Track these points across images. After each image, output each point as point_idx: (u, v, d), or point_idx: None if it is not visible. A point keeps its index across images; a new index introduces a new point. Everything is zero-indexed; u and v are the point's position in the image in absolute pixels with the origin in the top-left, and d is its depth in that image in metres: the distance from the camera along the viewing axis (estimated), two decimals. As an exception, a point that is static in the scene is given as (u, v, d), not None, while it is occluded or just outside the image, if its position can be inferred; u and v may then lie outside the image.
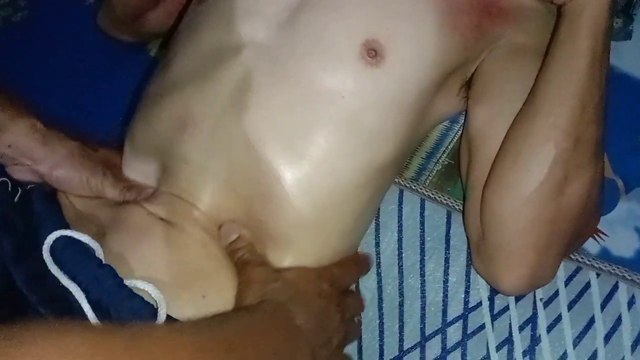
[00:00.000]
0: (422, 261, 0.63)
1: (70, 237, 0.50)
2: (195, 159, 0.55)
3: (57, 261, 0.49)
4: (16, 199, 0.54)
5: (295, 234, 0.54)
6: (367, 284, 0.63)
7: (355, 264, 0.59)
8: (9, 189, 0.54)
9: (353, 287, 0.63)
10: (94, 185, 0.55)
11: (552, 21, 0.56)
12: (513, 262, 0.54)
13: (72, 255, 0.49)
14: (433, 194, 0.65)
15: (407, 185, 0.66)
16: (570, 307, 0.60)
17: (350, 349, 0.62)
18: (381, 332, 0.62)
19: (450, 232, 0.63)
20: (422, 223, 0.64)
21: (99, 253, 0.50)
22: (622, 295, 0.59)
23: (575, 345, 0.58)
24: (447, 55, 0.56)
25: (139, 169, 0.59)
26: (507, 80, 0.57)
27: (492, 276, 0.57)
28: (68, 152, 0.54)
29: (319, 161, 0.53)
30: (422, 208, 0.65)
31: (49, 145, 0.54)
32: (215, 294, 0.51)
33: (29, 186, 0.55)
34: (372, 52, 0.53)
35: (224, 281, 0.52)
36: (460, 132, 0.65)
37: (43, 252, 0.49)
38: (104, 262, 0.50)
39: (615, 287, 0.60)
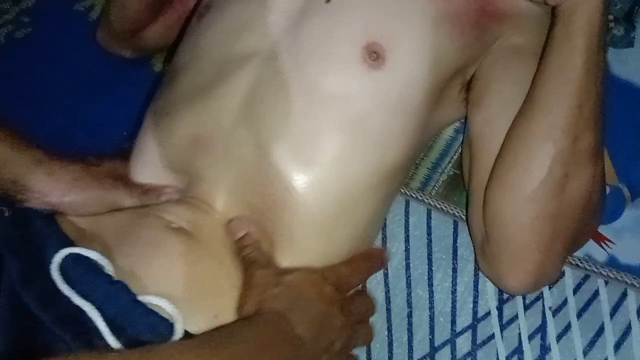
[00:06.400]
0: (429, 271, 0.63)
1: (77, 254, 0.49)
2: (210, 175, 0.56)
3: (67, 280, 0.48)
4: (7, 215, 0.53)
5: (306, 240, 0.54)
6: (375, 295, 0.63)
7: (365, 260, 0.58)
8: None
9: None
10: (108, 201, 0.55)
11: (547, 22, 0.57)
12: (517, 260, 0.55)
13: (83, 273, 0.49)
14: (439, 204, 0.65)
15: (414, 195, 0.66)
16: (579, 315, 0.60)
17: (360, 361, 0.62)
18: (390, 344, 0.62)
19: (458, 242, 0.63)
20: (429, 233, 0.64)
21: (109, 269, 0.50)
22: (631, 303, 0.59)
23: (585, 354, 0.58)
24: (448, 54, 0.57)
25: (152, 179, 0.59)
26: (505, 82, 0.58)
27: (497, 276, 0.57)
28: (73, 177, 0.54)
29: (328, 166, 0.54)
30: (429, 218, 0.65)
31: (53, 175, 0.53)
32: (228, 314, 0.50)
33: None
34: (374, 55, 0.54)
35: (236, 302, 0.51)
36: (465, 141, 0.66)
37: (52, 271, 0.48)
38: (114, 278, 0.49)
39: (623, 295, 0.60)
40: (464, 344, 0.61)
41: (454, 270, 0.63)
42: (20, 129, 0.54)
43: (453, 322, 0.61)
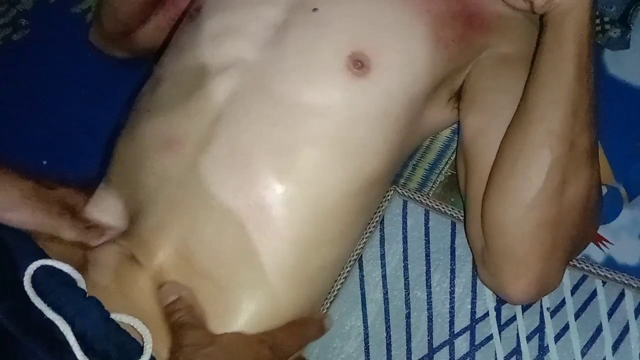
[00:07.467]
0: (427, 272, 0.63)
1: (51, 267, 0.48)
2: (176, 177, 0.53)
3: (39, 293, 0.47)
4: None
5: (267, 271, 0.51)
6: (374, 297, 0.63)
7: (303, 327, 0.54)
8: None
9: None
10: (49, 227, 0.52)
11: (535, 30, 0.57)
12: (519, 270, 0.54)
13: (56, 286, 0.48)
14: (437, 205, 0.65)
15: (411, 196, 0.66)
16: (577, 316, 0.60)
17: (358, 362, 0.62)
18: (388, 345, 0.62)
19: (455, 242, 0.64)
20: (426, 234, 0.64)
21: (81, 284, 0.49)
22: (628, 304, 0.59)
23: (583, 354, 0.58)
24: (432, 66, 0.56)
25: (110, 206, 0.57)
26: (496, 89, 0.58)
27: (499, 286, 0.56)
28: (20, 194, 0.52)
29: (308, 174, 0.52)
30: (427, 219, 0.65)
31: None
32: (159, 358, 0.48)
33: None
34: (358, 64, 0.53)
35: (165, 345, 0.49)
36: (462, 143, 0.66)
37: (24, 284, 0.47)
38: (87, 294, 0.48)
39: (621, 295, 0.60)
40: (462, 345, 0.61)
41: (452, 271, 0.63)
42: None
43: (451, 323, 0.61)
